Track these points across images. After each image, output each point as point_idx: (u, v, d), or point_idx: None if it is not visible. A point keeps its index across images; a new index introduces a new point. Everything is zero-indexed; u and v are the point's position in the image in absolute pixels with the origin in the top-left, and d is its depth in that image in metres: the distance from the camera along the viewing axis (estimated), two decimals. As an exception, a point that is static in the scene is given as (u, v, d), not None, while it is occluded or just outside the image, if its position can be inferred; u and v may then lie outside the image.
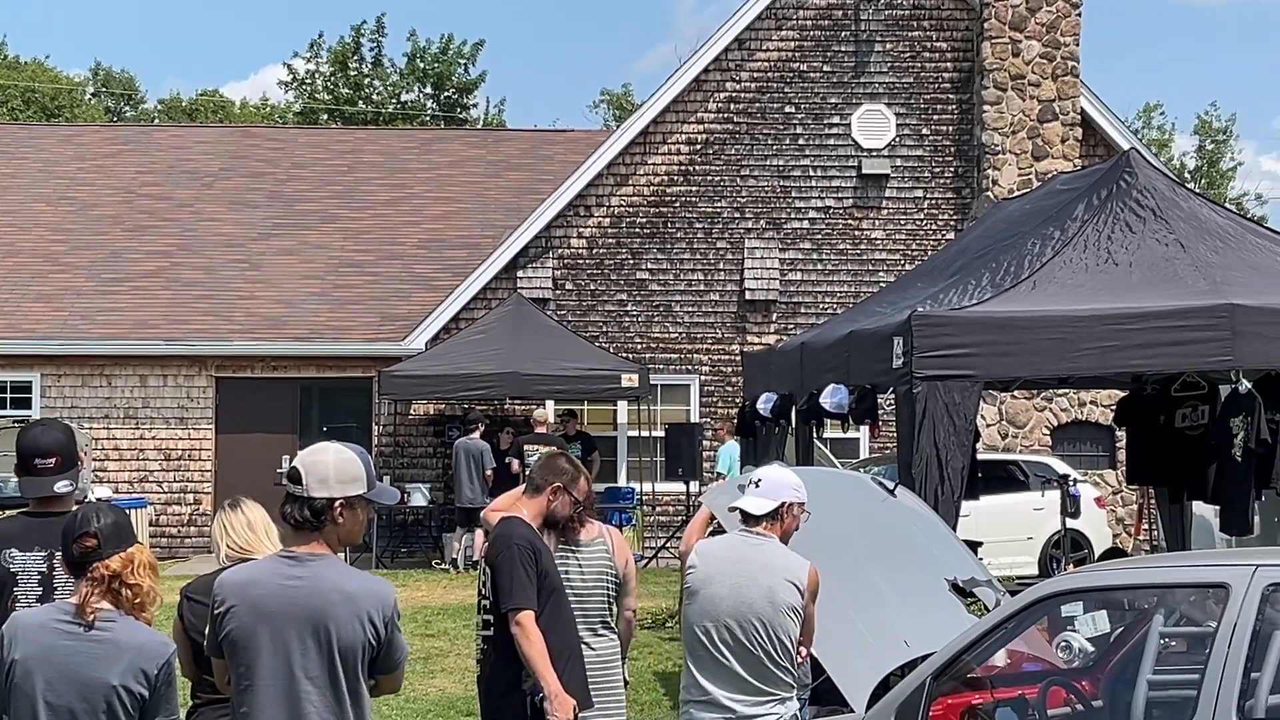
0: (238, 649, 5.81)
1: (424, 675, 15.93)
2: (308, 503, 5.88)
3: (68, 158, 33.70)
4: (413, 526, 27.90)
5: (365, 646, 5.82)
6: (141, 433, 27.86)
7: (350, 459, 6.02)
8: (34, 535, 7.04)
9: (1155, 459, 14.91)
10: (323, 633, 5.77)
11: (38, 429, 7.27)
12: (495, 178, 33.27)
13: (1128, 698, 7.42)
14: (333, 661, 5.78)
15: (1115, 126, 28.67)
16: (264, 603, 5.81)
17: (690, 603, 7.49)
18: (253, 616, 5.80)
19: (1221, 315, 11.41)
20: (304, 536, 5.90)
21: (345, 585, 5.86)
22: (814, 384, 14.00)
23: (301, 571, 5.84)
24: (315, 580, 5.83)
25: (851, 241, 28.42)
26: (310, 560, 5.87)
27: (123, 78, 66.98)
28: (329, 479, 5.90)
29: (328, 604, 5.79)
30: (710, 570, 7.49)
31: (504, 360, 25.41)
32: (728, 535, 7.73)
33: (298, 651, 5.77)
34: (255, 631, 5.79)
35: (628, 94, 66.54)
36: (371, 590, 5.90)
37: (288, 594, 5.81)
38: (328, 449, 6.01)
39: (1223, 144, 65.55)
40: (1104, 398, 25.70)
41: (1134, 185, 12.78)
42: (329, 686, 5.79)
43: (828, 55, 28.45)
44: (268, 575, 5.88)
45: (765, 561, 7.56)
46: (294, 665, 5.77)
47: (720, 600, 7.42)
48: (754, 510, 7.66)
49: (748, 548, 7.58)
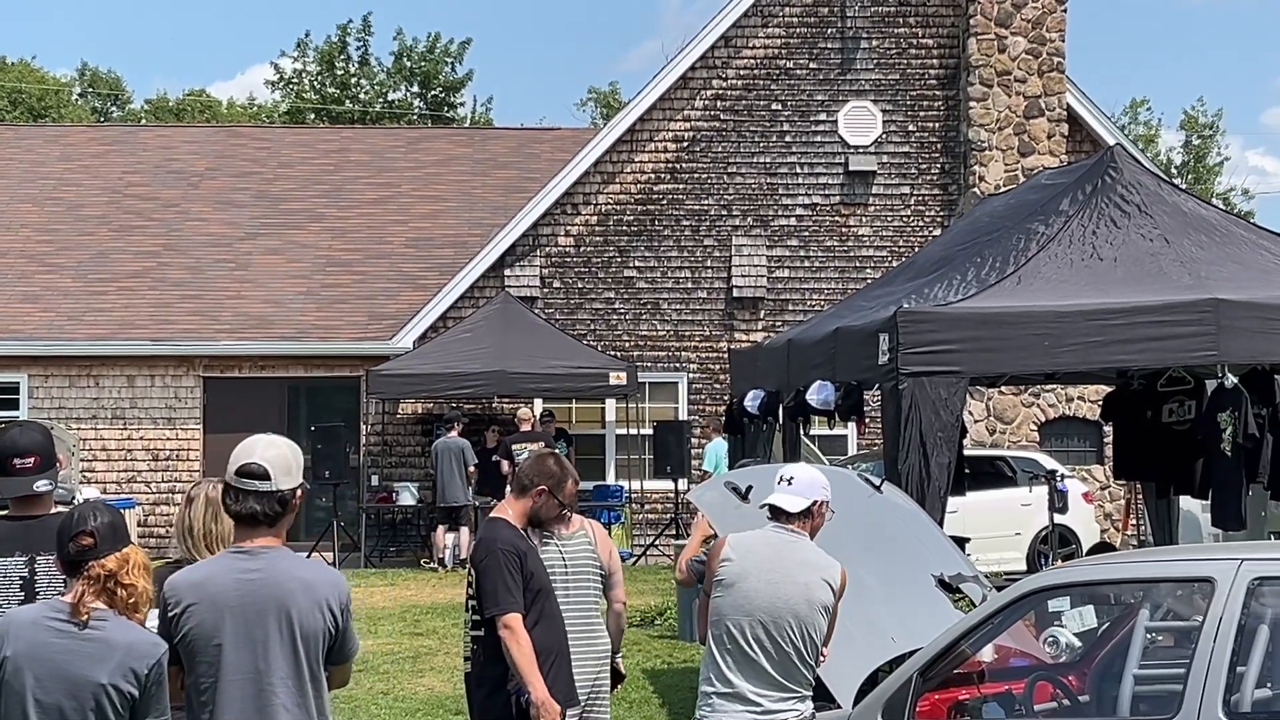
0: (198, 648, 5.84)
1: (413, 674, 15.93)
2: (276, 496, 5.95)
3: (54, 158, 33.64)
4: (401, 525, 27.89)
5: (325, 634, 5.91)
6: (129, 433, 27.82)
7: (293, 446, 6.16)
8: (13, 541, 7.04)
9: (1142, 454, 14.94)
10: (284, 623, 5.84)
11: (15, 430, 7.28)
12: (482, 176, 33.25)
13: (1114, 692, 7.44)
14: (296, 651, 5.85)
15: (1101, 122, 28.70)
16: (224, 598, 5.84)
17: (724, 595, 7.47)
18: (214, 613, 5.83)
19: (1206, 310, 11.43)
20: (255, 531, 5.98)
21: (302, 574, 5.96)
22: (801, 381, 14.01)
23: (256, 564, 5.90)
24: (271, 571, 5.89)
25: (838, 238, 28.43)
26: (262, 553, 5.94)
27: (109, 78, 66.91)
28: (291, 469, 6.03)
29: (287, 594, 5.86)
30: (746, 565, 7.48)
31: (491, 359, 25.42)
32: (762, 530, 7.69)
33: (260, 644, 5.82)
34: (218, 628, 5.82)
35: (615, 92, 66.62)
36: (327, 578, 6.02)
37: (247, 587, 5.86)
38: (271, 441, 6.12)
39: (1209, 139, 65.67)
40: (1091, 393, 25.72)
41: (1119, 180, 12.79)
42: (293, 676, 5.85)
43: (814, 52, 28.46)
44: (224, 572, 5.92)
45: (801, 559, 7.55)
46: (258, 658, 5.82)
47: (756, 595, 7.41)
48: (790, 508, 7.65)
49: (783, 544, 7.57)
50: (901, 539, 10.11)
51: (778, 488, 7.71)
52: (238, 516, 5.99)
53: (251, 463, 5.98)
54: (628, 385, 25.71)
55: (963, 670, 7.95)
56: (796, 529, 7.64)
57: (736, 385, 17.98)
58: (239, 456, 6.02)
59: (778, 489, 7.71)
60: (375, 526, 27.23)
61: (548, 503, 8.34)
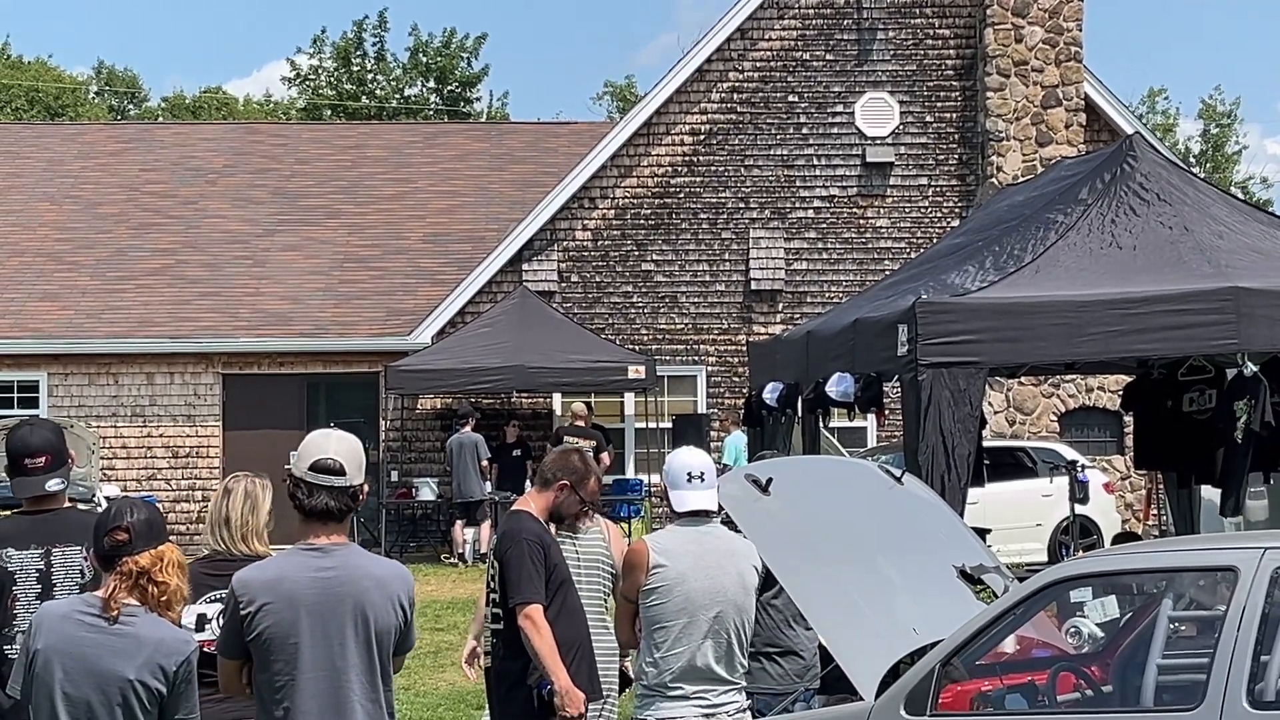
0: (274, 646, 5.83)
1: (434, 669, 15.95)
2: (349, 491, 5.95)
3: (71, 157, 33.69)
4: (421, 520, 27.92)
5: (396, 629, 5.96)
6: (149, 430, 27.87)
7: (359, 442, 6.17)
8: (29, 534, 7.09)
9: (1163, 443, 14.91)
10: (360, 620, 5.86)
11: (26, 429, 7.29)
12: (499, 171, 33.24)
13: (1137, 682, 7.43)
14: (370, 647, 5.88)
15: (1119, 111, 28.63)
16: (300, 596, 5.84)
17: (665, 601, 7.42)
18: (290, 611, 5.83)
19: (1226, 299, 11.39)
20: (325, 527, 5.96)
21: (374, 570, 5.98)
22: (820, 373, 13.98)
23: (330, 562, 5.91)
24: (346, 569, 5.91)
25: (856, 230, 28.40)
26: (334, 550, 5.95)
27: (126, 76, 67.03)
28: (361, 464, 6.04)
29: (362, 591, 5.89)
30: (681, 567, 7.43)
31: (510, 353, 25.42)
32: (677, 529, 7.65)
33: (337, 641, 5.83)
34: (295, 626, 5.82)
35: (631, 86, 66.53)
36: (397, 573, 6.06)
37: (322, 585, 5.86)
38: (342, 436, 6.13)
39: (1227, 128, 65.45)
40: (1111, 383, 25.67)
41: (1138, 169, 12.76)
42: (366, 672, 5.88)
43: (830, 44, 28.41)
44: (298, 569, 5.92)
45: (727, 549, 7.57)
46: (335, 655, 5.83)
47: (698, 594, 7.40)
48: (711, 506, 7.64)
49: (703, 537, 7.55)
50: (922, 530, 10.09)
51: (687, 485, 7.61)
52: (310, 511, 5.95)
53: (327, 458, 5.96)
54: (646, 379, 25.70)
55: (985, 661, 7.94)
56: (708, 518, 7.62)
57: (755, 378, 17.96)
58: (311, 451, 5.99)
59: (687, 486, 7.61)
60: (395, 522, 27.25)
61: (569, 498, 8.35)
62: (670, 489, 7.61)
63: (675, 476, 7.58)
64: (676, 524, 7.61)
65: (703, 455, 7.86)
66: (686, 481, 7.56)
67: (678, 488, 7.56)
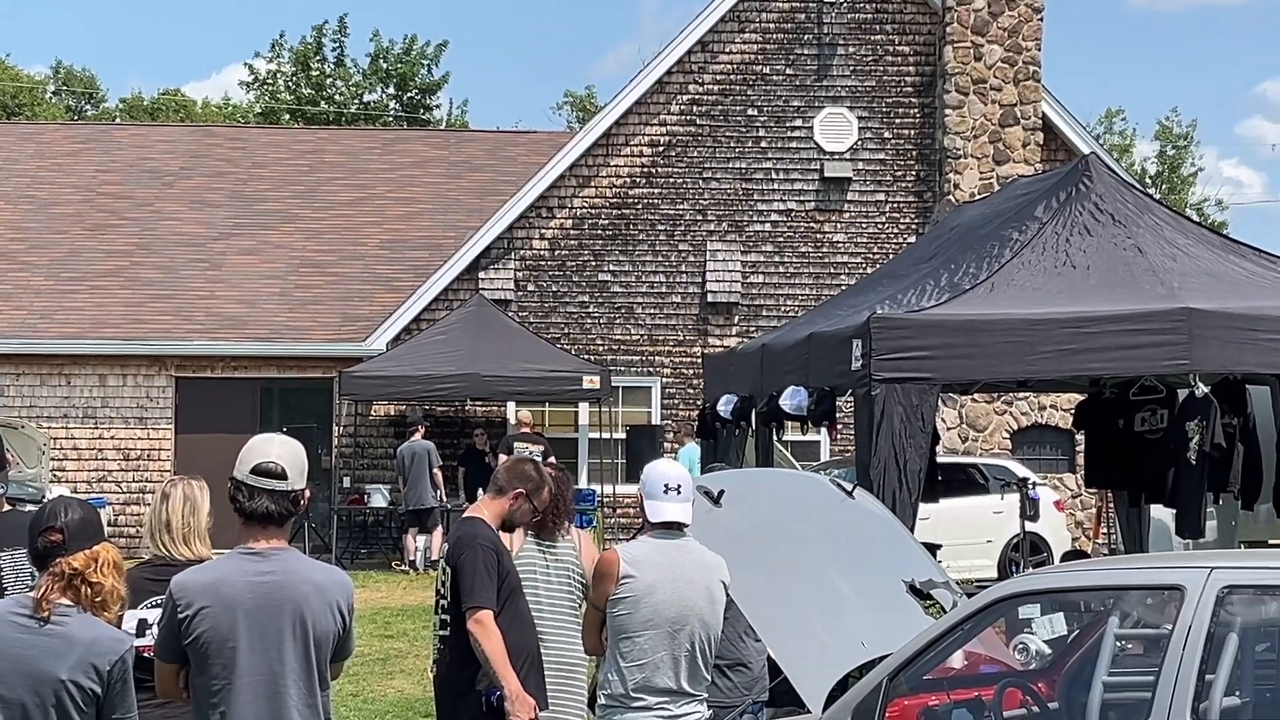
0: (211, 650, 5.80)
1: (382, 676, 15.91)
2: (290, 495, 5.92)
3: (27, 156, 33.52)
4: (372, 528, 27.86)
5: (334, 635, 5.92)
6: (100, 432, 27.74)
7: (301, 446, 6.17)
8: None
9: (1114, 462, 14.96)
10: (299, 625, 5.83)
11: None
12: (458, 179, 33.22)
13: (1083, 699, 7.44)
14: (308, 653, 5.85)
15: (1077, 131, 28.77)
16: (238, 600, 5.81)
17: (631, 612, 7.41)
18: (228, 615, 5.79)
19: (1179, 319, 11.46)
20: (265, 531, 5.93)
21: (313, 576, 5.94)
22: (774, 386, 14.00)
23: (269, 566, 5.87)
24: (285, 574, 5.87)
25: (813, 244, 28.46)
26: (273, 554, 5.91)
27: (84, 76, 66.65)
28: (303, 469, 6.03)
29: (301, 596, 5.85)
30: (650, 578, 7.43)
31: (465, 361, 25.39)
32: (648, 540, 7.63)
33: (275, 646, 5.80)
34: (232, 630, 5.79)
35: (591, 96, 66.56)
36: (337, 580, 6.02)
37: (261, 590, 5.83)
38: (284, 440, 6.12)
39: (1184, 150, 65.82)
40: (1064, 402, 25.79)
41: (1093, 189, 12.83)
42: (304, 677, 5.85)
43: (790, 58, 28.49)
44: (236, 573, 5.88)
45: (698, 562, 7.55)
46: (272, 660, 5.80)
47: (665, 606, 7.39)
48: (685, 519, 7.62)
49: (674, 550, 7.54)
50: (873, 544, 10.11)
51: (664, 496, 7.60)
52: (250, 514, 5.92)
53: (269, 462, 5.95)
54: (601, 389, 25.70)
55: (933, 676, 7.96)
56: (679, 531, 7.61)
57: (710, 390, 17.98)
58: (252, 454, 5.97)
59: (663, 497, 7.60)
60: (347, 528, 27.19)
61: (522, 507, 8.34)
62: (646, 499, 7.59)
63: (652, 487, 7.57)
64: (649, 535, 7.60)
65: (680, 468, 7.86)
66: (663, 493, 7.55)
67: (654, 498, 7.55)
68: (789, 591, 9.15)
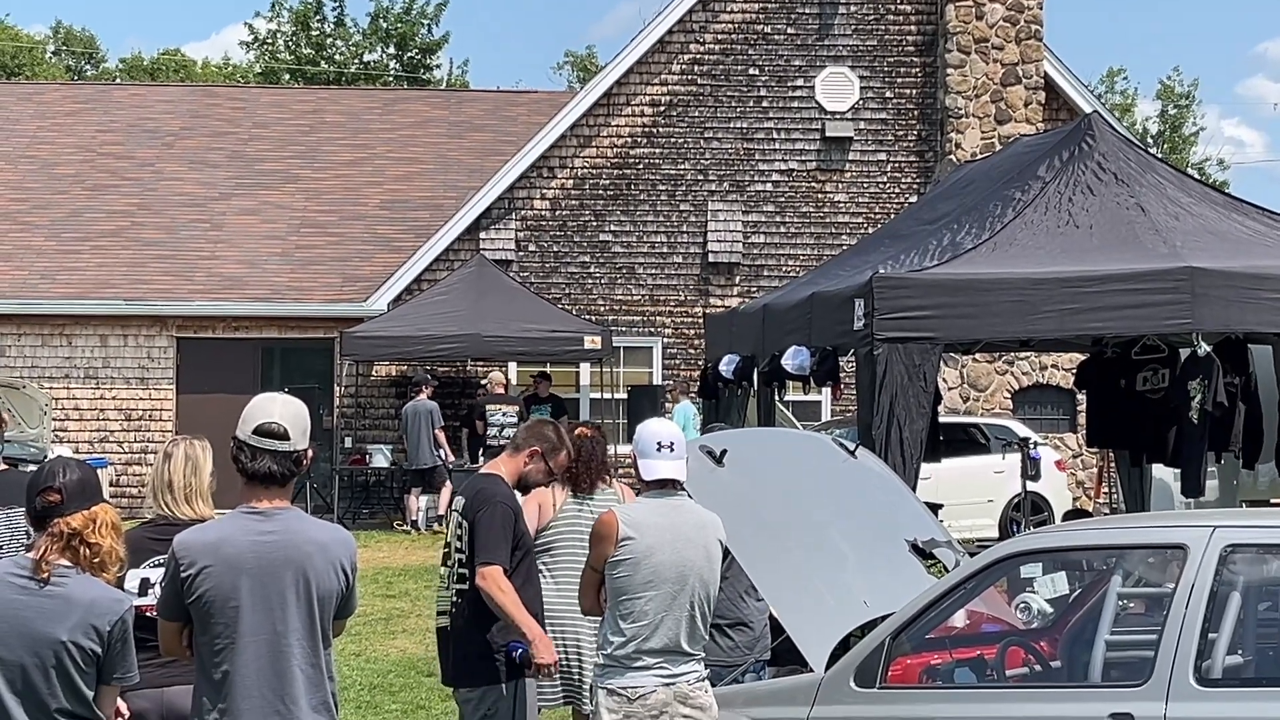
0: (214, 609, 5.79)
1: (385, 635, 15.94)
2: (293, 456, 5.91)
3: (28, 116, 33.43)
4: (374, 488, 27.87)
5: (337, 594, 5.91)
6: (102, 393, 27.74)
7: (304, 406, 6.15)
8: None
9: (1115, 422, 14.97)
10: (302, 585, 5.82)
11: None
12: (458, 139, 33.14)
13: (1086, 658, 7.46)
14: (311, 612, 5.84)
15: (1079, 90, 28.71)
16: (240, 560, 5.80)
17: (631, 573, 7.41)
18: (231, 575, 5.78)
19: (1181, 279, 11.46)
20: (267, 491, 5.91)
21: (316, 535, 5.93)
22: (776, 346, 14.01)
23: (271, 526, 5.86)
24: (287, 533, 5.86)
25: (815, 204, 28.41)
26: (276, 514, 5.90)
27: (83, 36, 66.51)
28: (305, 429, 6.00)
29: (304, 556, 5.84)
30: (650, 540, 7.43)
31: (466, 321, 25.37)
32: (645, 501, 7.64)
33: (278, 606, 5.80)
34: (235, 590, 5.78)
35: (591, 56, 66.38)
36: (340, 538, 6.01)
37: (263, 549, 5.82)
38: (287, 400, 6.08)
39: (1185, 109, 65.71)
40: (1065, 361, 25.79)
41: (1096, 149, 12.80)
42: (308, 637, 5.84)
43: (792, 18, 28.40)
44: (239, 533, 5.87)
45: (695, 521, 7.55)
46: (275, 620, 5.80)
47: (665, 567, 7.40)
48: (680, 476, 7.62)
49: (671, 510, 7.54)
50: (875, 504, 10.13)
51: (656, 454, 7.61)
52: (252, 475, 5.90)
53: (272, 422, 5.92)
54: (602, 349, 25.69)
55: (935, 635, 7.98)
56: (674, 490, 7.62)
57: (711, 350, 17.98)
58: (255, 414, 5.95)
59: (656, 455, 7.60)
60: (348, 488, 27.20)
61: (537, 466, 8.37)
62: (639, 458, 7.60)
63: (645, 445, 7.58)
64: (645, 495, 7.61)
65: (673, 426, 7.88)
66: (656, 450, 7.56)
67: (647, 456, 7.56)
68: (791, 551, 9.16)
